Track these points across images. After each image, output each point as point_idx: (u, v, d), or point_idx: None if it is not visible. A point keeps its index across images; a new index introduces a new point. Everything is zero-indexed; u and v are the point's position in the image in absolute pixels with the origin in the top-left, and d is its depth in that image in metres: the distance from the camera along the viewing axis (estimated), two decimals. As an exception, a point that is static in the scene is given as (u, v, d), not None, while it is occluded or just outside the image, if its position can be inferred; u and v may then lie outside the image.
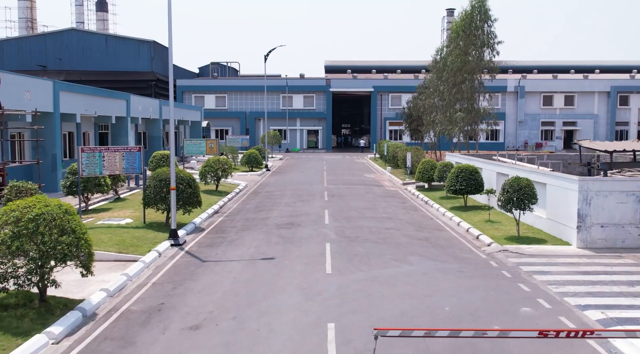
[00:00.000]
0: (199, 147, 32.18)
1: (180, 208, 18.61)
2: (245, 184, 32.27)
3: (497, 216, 20.50)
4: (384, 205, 24.19)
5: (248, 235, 17.59)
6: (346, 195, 27.25)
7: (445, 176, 26.58)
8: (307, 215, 21.10)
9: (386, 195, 27.98)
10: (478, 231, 17.97)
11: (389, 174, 40.03)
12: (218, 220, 20.72)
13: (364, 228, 18.28)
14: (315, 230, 17.97)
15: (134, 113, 38.47)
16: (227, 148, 42.93)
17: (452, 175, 23.32)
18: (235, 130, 71.41)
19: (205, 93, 72.19)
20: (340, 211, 21.88)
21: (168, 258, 14.86)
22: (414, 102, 49.23)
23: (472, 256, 14.79)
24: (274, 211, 22.17)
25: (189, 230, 18.41)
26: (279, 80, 70.63)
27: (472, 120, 35.93)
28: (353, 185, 31.69)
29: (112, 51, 71.71)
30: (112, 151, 18.44)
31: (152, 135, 44.59)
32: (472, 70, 34.51)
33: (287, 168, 44.17)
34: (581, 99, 72.03)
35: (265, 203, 24.88)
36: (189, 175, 19.06)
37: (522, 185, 16.46)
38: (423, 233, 17.95)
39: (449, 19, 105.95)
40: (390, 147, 45.95)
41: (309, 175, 37.70)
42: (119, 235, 16.73)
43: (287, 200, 25.46)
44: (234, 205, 24.61)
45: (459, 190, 22.87)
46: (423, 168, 29.88)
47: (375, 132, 70.81)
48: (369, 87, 70.67)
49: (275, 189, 30.11)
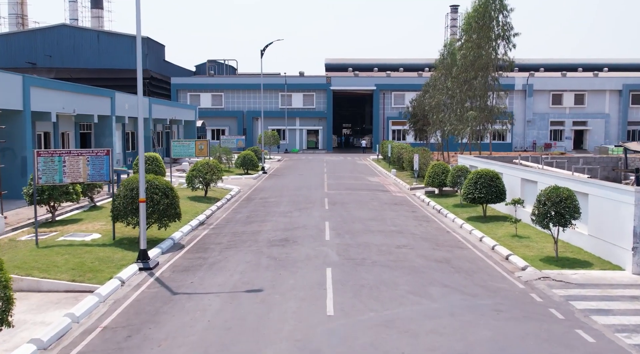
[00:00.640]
0: (188, 149, 29.44)
1: (155, 222, 15.85)
2: (239, 189, 29.51)
3: (525, 229, 17.73)
4: (392, 214, 21.41)
5: (234, 254, 14.82)
6: (349, 202, 24.49)
7: (460, 181, 23.83)
8: (305, 228, 18.31)
9: (393, 202, 25.20)
10: (506, 249, 15.20)
11: (393, 177, 37.27)
12: (202, 234, 17.95)
13: (371, 246, 15.49)
14: (313, 249, 15.19)
15: (120, 112, 35.71)
16: (221, 149, 40.16)
17: (469, 181, 20.54)
18: (232, 130, 68.65)
19: (200, 91, 69.41)
20: (343, 224, 19.10)
21: (132, 287, 12.08)
22: (418, 101, 46.47)
23: (506, 286, 12.00)
24: (267, 223, 19.39)
25: (165, 247, 15.64)
26: (278, 78, 67.85)
27: (484, 119, 33.17)
28: (356, 190, 28.92)
29: (105, 48, 69.02)
30: (74, 155, 15.66)
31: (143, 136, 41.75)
32: (485, 65, 31.70)
33: (285, 171, 41.41)
34: (592, 98, 69.20)
35: (258, 212, 22.10)
36: (166, 183, 16.28)
37: (562, 196, 13.68)
38: (441, 252, 15.17)
39: (453, 16, 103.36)
40: (395, 147, 43.20)
41: (309, 179, 34.94)
42: (79, 256, 13.96)
43: (283, 209, 22.69)
44: (223, 215, 21.84)
45: (478, 199, 20.08)
46: (433, 172, 27.11)
47: (378, 132, 68.01)
48: (371, 85, 67.87)
49: (271, 195, 27.35)
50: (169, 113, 47.12)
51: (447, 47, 38.35)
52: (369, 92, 69.33)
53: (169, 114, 47.09)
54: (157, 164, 29.14)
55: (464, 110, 34.75)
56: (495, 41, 31.33)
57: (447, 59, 38.76)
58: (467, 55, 31.59)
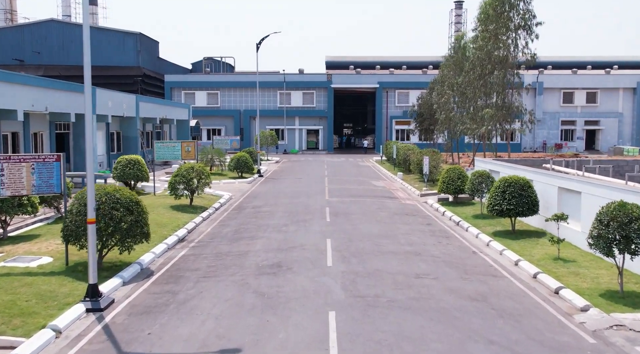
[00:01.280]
0: (173, 151, 26.37)
1: (117, 244, 12.82)
2: (230, 196, 26.47)
3: (567, 250, 14.70)
4: (405, 229, 18.36)
5: (212, 287, 11.77)
6: (353, 212, 21.44)
7: (481, 189, 20.79)
8: (303, 248, 15.25)
9: (404, 211, 22.16)
10: (553, 279, 12.16)
11: (400, 181, 34.25)
12: (179, 255, 14.91)
13: (384, 276, 12.43)
14: (312, 280, 12.13)
15: (102, 110, 32.68)
16: (214, 150, 37.12)
17: (496, 190, 17.48)
18: (229, 129, 65.61)
19: (195, 89, 66.37)
20: (348, 242, 16.05)
21: (69, 341, 9.03)
22: (425, 99, 43.41)
23: (571, 340, 8.95)
24: (258, 241, 16.34)
25: (128, 276, 12.58)
26: (276, 76, 64.76)
27: (501, 118, 30.13)
28: (361, 197, 25.89)
29: (96, 44, 65.80)
30: (15, 162, 12.60)
31: (128, 136, 38.80)
32: (503, 58, 28.61)
33: (282, 174, 38.38)
34: (604, 96, 66.09)
35: (248, 225, 19.06)
36: (131, 195, 13.20)
37: (632, 216, 10.63)
38: (473, 283, 12.12)
39: (457, 12, 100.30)
40: (401, 149, 40.17)
41: (308, 183, 31.91)
42: (13, 291, 10.94)
43: (278, 221, 19.64)
44: (208, 228, 18.79)
45: (507, 211, 17.02)
46: (448, 177, 24.09)
47: (381, 132, 64.95)
48: (374, 83, 64.81)
49: (265, 203, 24.31)
50: (160, 112, 44.11)
51: (458, 41, 35.32)
52: (372, 90, 66.29)
53: (160, 113, 44.08)
54: (139, 168, 26.14)
55: (478, 108, 31.73)
56: (515, 31, 28.26)
57: (457, 53, 35.76)
58: (484, 47, 28.45)
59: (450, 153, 42.59)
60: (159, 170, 36.36)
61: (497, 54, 28.82)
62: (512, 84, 30.32)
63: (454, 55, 35.65)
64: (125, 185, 27.14)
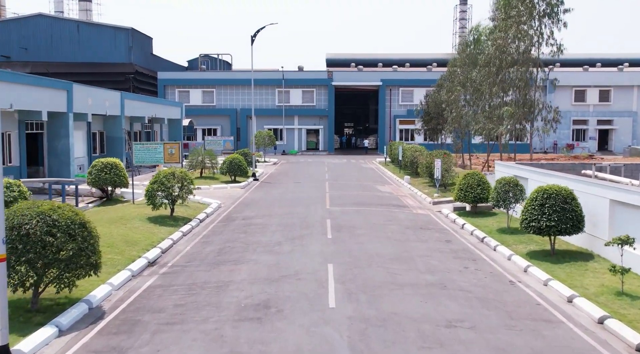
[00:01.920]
0: (155, 153, 23.35)
1: (54, 281, 9.83)
2: (219, 204, 23.47)
3: (630, 281, 11.70)
4: (421, 248, 15.36)
5: (173, 343, 8.76)
6: (359, 226, 18.44)
7: (508, 199, 17.77)
8: (298, 278, 12.24)
9: (417, 224, 19.16)
10: (628, 329, 9.18)
11: (407, 185, 31.28)
12: (143, 287, 11.92)
13: (405, 325, 9.41)
14: (309, 332, 9.11)
15: (81, 108, 29.69)
16: (205, 152, 34.11)
17: (532, 202, 14.47)
18: (225, 129, 62.65)
19: (190, 87, 63.39)
20: (354, 268, 13.05)
21: None
22: (433, 96, 40.41)
23: None
24: (243, 267, 13.32)
25: (67, 323, 9.55)
26: (275, 73, 61.74)
27: (522, 116, 27.16)
28: (366, 206, 22.90)
29: (85, 40, 63.05)
30: None
31: (112, 136, 35.78)
32: (526, 49, 25.59)
33: (280, 177, 35.39)
34: (618, 94, 63.06)
35: (235, 243, 16.06)
36: (74, 215, 10.17)
37: None
38: (524, 335, 9.11)
39: (462, 8, 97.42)
40: (407, 150, 37.17)
41: (307, 188, 28.93)
42: None
43: (270, 238, 16.64)
44: (187, 247, 15.81)
45: (547, 228, 14.00)
46: (466, 183, 21.09)
47: (384, 132, 61.94)
48: (377, 81, 61.79)
49: (258, 213, 21.31)
50: (149, 111, 41.06)
51: (472, 33, 32.32)
52: (374, 88, 63.28)
53: (149, 111, 41.03)
54: (117, 172, 23.20)
55: (493, 106, 28.78)
56: (540, 19, 25.23)
57: (471, 46, 32.76)
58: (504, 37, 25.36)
59: (459, 155, 39.62)
60: (146, 173, 33.30)
61: (518, 45, 25.77)
62: (535, 79, 27.33)
63: (466, 48, 32.66)
64: (101, 191, 24.21)
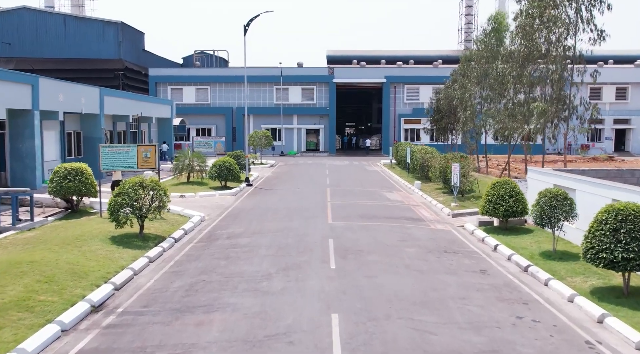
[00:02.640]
0: (126, 157, 19.83)
1: None
2: (202, 217, 19.96)
3: None
4: (453, 284, 11.82)
5: None
6: (368, 249, 14.92)
7: (555, 215, 14.25)
8: (290, 342, 8.65)
9: (439, 246, 15.64)
10: None
11: (419, 192, 27.83)
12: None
13: None
14: None
15: (50, 105, 26.20)
16: (192, 155, 30.60)
17: (601, 225, 10.93)
18: (220, 129, 59.18)
19: (183, 85, 59.90)
20: (369, 322, 9.49)
21: None
22: (446, 93, 36.89)
23: None
24: (216, 317, 9.79)
25: None
26: (273, 70, 58.21)
27: (554, 114, 23.70)
28: (375, 220, 19.40)
29: (72, 34, 59.61)
30: None
31: (91, 137, 32.20)
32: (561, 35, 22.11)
33: (276, 182, 31.89)
34: (635, 92, 59.63)
35: (212, 275, 12.53)
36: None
37: None
38: None
39: (468, 3, 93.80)
40: (417, 152, 33.69)
41: (306, 196, 25.44)
42: None
43: (258, 267, 13.12)
44: (149, 281, 12.27)
45: (624, 262, 10.50)
46: (496, 194, 17.60)
47: (388, 131, 58.41)
48: (381, 78, 58.28)
49: (247, 229, 17.80)
50: (134, 108, 37.57)
51: (492, 21, 28.83)
52: (378, 86, 59.78)
53: (134, 109, 37.54)
54: (83, 180, 19.75)
55: (518, 103, 25.34)
56: (577, 1, 21.74)
57: (490, 35, 29.28)
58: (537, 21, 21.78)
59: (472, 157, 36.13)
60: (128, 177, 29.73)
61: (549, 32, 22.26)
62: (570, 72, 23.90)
63: (484, 38, 29.19)
64: (65, 201, 20.72)
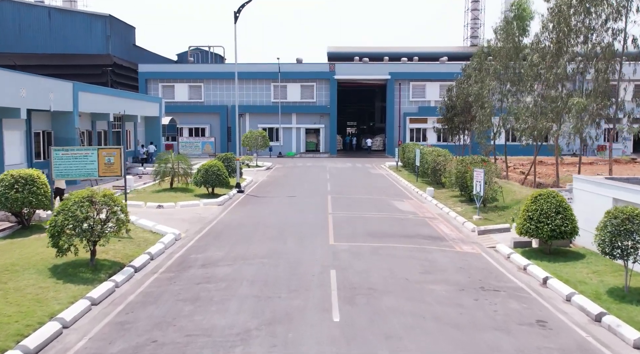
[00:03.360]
0: (85, 163, 16.33)
1: None
2: (175, 236, 16.42)
3: None
4: (509, 352, 8.35)
5: None
6: (383, 288, 11.38)
7: (634, 245, 10.74)
8: None
9: (474, 280, 12.12)
10: None
11: (432, 200, 24.43)
12: None
13: None
14: None
15: (10, 101, 22.68)
16: (176, 158, 27.11)
17: None
18: (214, 128, 55.69)
19: (175, 81, 56.38)
20: None
21: None
22: (460, 88, 33.36)
23: None
24: None
25: None
26: (270, 66, 54.60)
27: (596, 111, 20.34)
28: (387, 239, 15.89)
29: (58, 28, 56.15)
30: None
31: (63, 137, 28.68)
32: (607, 19, 18.65)
33: (270, 189, 28.36)
34: (655, 89, 56.00)
35: (167, 334, 9.01)
36: None
37: None
38: None
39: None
40: (428, 154, 30.20)
41: (303, 206, 21.93)
42: None
43: (233, 320, 9.59)
44: (79, 342, 8.75)
45: None
46: (538, 210, 14.13)
47: (392, 131, 54.85)
48: (384, 74, 54.73)
49: (228, 254, 14.27)
50: (116, 106, 34.00)
51: (515, 7, 25.34)
52: (381, 83, 56.24)
53: (116, 107, 33.97)
54: (34, 190, 16.32)
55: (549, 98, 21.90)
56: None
57: (512, 24, 25.80)
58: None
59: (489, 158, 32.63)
60: (109, 182, 26.21)
61: (587, 13, 18.78)
62: (618, 62, 20.54)
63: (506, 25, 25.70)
64: (14, 216, 17.23)
